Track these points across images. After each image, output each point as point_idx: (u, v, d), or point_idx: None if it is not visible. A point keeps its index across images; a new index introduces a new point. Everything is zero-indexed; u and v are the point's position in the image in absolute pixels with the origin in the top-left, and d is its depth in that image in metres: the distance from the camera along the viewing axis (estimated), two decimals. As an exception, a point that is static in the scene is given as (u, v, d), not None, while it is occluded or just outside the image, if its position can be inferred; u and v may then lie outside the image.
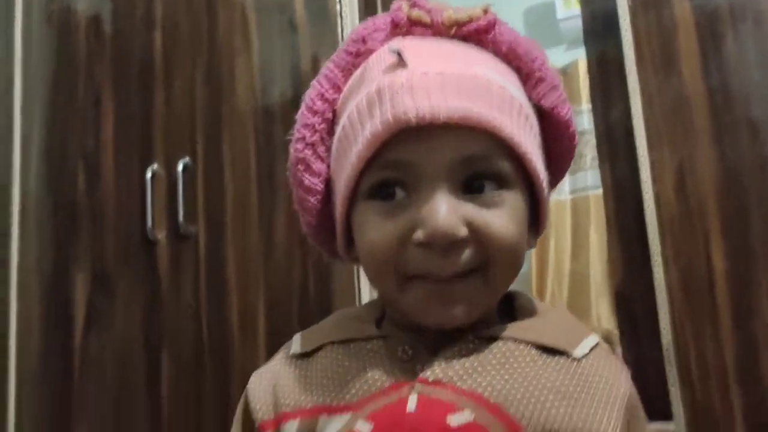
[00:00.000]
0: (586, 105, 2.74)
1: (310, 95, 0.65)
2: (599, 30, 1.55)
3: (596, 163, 2.28)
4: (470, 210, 0.56)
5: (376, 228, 0.57)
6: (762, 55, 1.34)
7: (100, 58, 1.71)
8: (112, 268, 1.63)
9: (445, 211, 0.54)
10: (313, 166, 0.63)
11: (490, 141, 0.56)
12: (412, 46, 0.60)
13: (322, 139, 0.63)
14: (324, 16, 1.56)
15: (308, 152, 0.63)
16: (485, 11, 0.62)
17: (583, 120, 2.68)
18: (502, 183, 0.57)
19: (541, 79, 0.62)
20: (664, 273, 1.30)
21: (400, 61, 0.58)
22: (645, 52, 1.41)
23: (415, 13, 0.62)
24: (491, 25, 0.62)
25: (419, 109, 0.54)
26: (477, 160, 0.56)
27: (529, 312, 0.64)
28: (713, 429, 1.22)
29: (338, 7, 1.55)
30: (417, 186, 0.56)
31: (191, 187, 1.57)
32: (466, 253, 0.56)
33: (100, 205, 1.66)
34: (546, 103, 0.62)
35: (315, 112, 0.64)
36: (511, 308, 0.66)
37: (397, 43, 0.60)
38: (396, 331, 0.62)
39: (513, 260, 0.58)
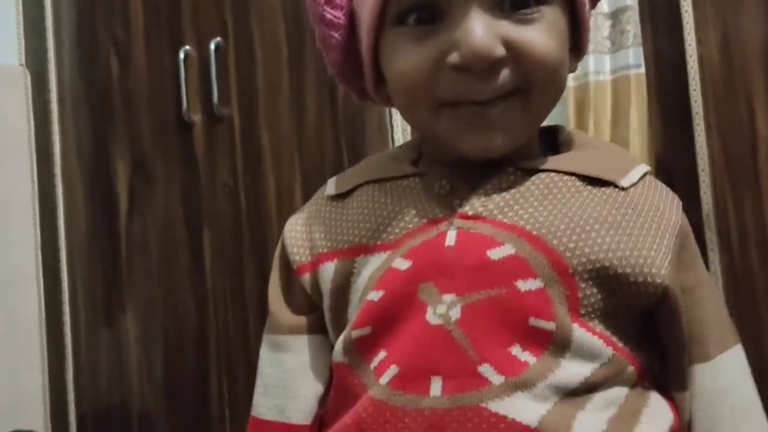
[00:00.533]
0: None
1: None
2: None
3: (638, 40, 2.20)
4: (507, 27, 0.53)
5: (407, 54, 0.54)
6: None
7: (126, -60, 1.68)
8: (150, 151, 1.65)
9: (481, 30, 0.51)
10: None
11: None
12: None
13: None
14: None
15: None
16: None
17: (626, -5, 2.57)
18: None
19: None
20: (706, 137, 1.27)
21: None
22: None
23: None
24: None
25: None
26: None
27: (575, 145, 0.61)
28: (752, 293, 1.22)
29: None
30: (449, 6, 0.53)
31: (224, 67, 1.56)
32: (504, 74, 0.53)
33: (134, 90, 1.66)
34: None
35: None
36: (555, 142, 0.63)
37: None
38: (433, 168, 0.60)
39: (555, 81, 0.55)
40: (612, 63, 2.85)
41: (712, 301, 0.60)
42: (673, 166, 1.32)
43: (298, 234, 0.64)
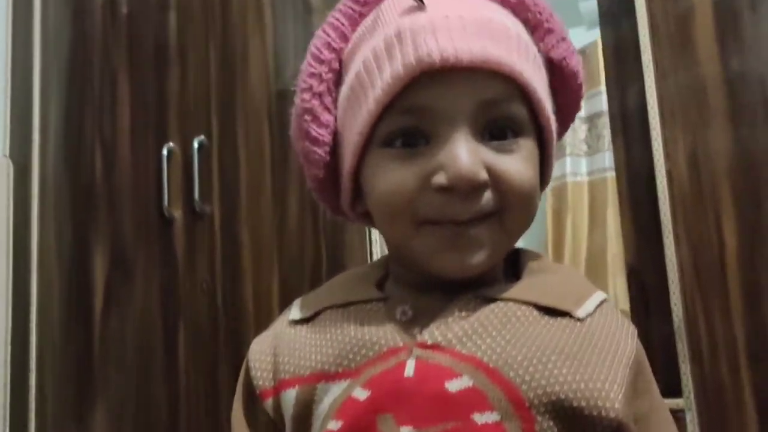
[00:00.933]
0: (604, 86, 2.72)
1: (315, 44, 0.63)
2: (615, 11, 1.54)
3: (614, 144, 2.27)
4: (488, 154, 0.56)
5: (393, 173, 0.56)
6: (779, 35, 1.32)
7: (116, 40, 1.73)
8: (130, 247, 1.65)
9: (467, 154, 0.54)
10: (321, 117, 0.62)
11: (508, 85, 0.56)
12: None
13: (329, 89, 0.62)
14: (337, -3, 1.56)
15: (315, 102, 0.62)
16: None
17: (602, 101, 2.66)
18: (518, 129, 0.57)
19: (549, 30, 0.61)
20: (676, 250, 1.30)
21: (419, 5, 0.57)
22: (660, 33, 1.40)
23: None
24: None
25: (443, 51, 0.54)
26: (496, 104, 0.56)
27: (535, 270, 0.63)
28: (723, 406, 1.22)
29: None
30: (437, 131, 0.56)
31: (206, 166, 1.59)
32: (485, 198, 0.56)
33: (118, 185, 1.68)
34: (555, 54, 0.61)
35: (322, 62, 0.62)
36: (518, 267, 0.64)
37: None
38: (398, 290, 0.62)
39: (529, 206, 0.58)
40: (588, 165, 2.93)
41: (665, 426, 0.61)
42: (644, 276, 1.35)
43: (262, 357, 0.64)
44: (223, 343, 1.54)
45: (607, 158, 2.75)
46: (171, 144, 1.62)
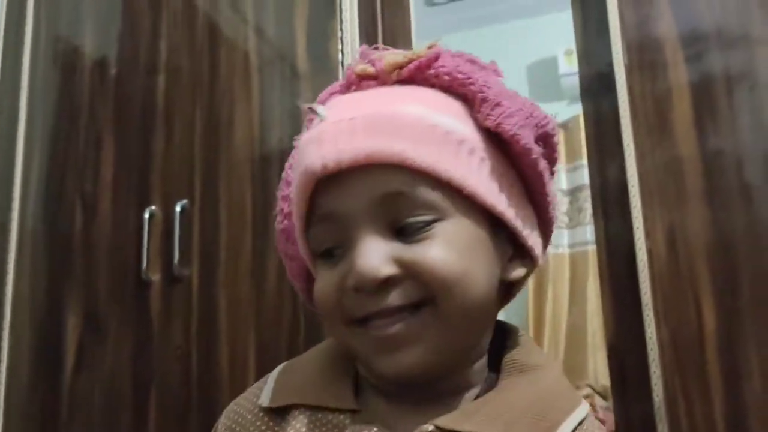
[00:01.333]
0: (586, 160, 2.76)
1: (285, 167, 0.66)
2: (596, 88, 1.57)
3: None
4: (400, 248, 0.55)
5: (321, 281, 0.59)
6: (755, 121, 1.35)
7: (103, 100, 1.74)
8: (104, 307, 1.63)
9: (368, 254, 0.55)
10: (292, 235, 0.64)
11: (407, 175, 0.55)
12: (343, 100, 0.60)
13: None
14: (326, 63, 1.59)
15: (287, 222, 0.65)
16: (430, 47, 0.60)
17: (583, 175, 2.70)
18: (433, 214, 0.56)
19: (483, 100, 0.58)
20: (656, 329, 1.30)
21: (316, 116, 0.59)
22: (640, 112, 1.43)
23: (360, 67, 0.61)
24: (432, 60, 0.60)
25: (324, 157, 0.55)
26: (400, 195, 0.55)
27: (516, 368, 0.60)
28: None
29: (340, 55, 1.58)
30: (347, 234, 0.56)
31: (188, 229, 1.58)
32: (401, 290, 0.55)
33: (96, 244, 1.67)
34: (491, 123, 0.58)
35: (288, 183, 0.65)
36: (502, 353, 0.62)
37: (334, 100, 0.61)
38: (371, 399, 0.61)
39: (462, 291, 0.55)
40: (570, 238, 2.95)
41: None
42: (625, 355, 1.34)
43: None
44: (196, 410, 1.51)
45: (588, 231, 2.77)
46: (153, 207, 1.61)
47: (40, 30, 1.83)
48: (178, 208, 1.58)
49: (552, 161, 0.64)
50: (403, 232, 0.56)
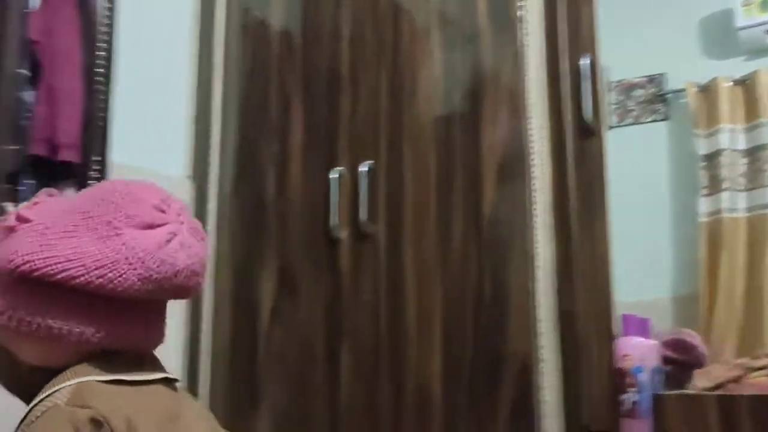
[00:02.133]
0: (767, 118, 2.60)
1: None
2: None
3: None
4: None
5: None
6: None
7: (291, 68, 1.83)
8: (297, 264, 1.73)
9: None
10: None
11: None
12: None
13: None
14: (505, 24, 1.59)
15: None
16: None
17: (763, 134, 2.55)
18: None
19: None
20: None
21: None
22: None
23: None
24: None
25: None
26: None
27: None
28: None
29: (519, 13, 1.58)
30: None
31: (373, 189, 1.64)
32: None
33: (288, 205, 1.77)
34: None
35: None
36: None
37: None
38: None
39: None
40: (748, 201, 2.79)
41: None
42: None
43: None
44: (386, 362, 1.57)
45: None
46: (340, 168, 1.69)
47: (231, 4, 1.95)
48: (364, 169, 1.64)
49: None
50: None
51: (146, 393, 0.81)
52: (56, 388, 0.76)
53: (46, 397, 0.76)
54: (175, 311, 1.80)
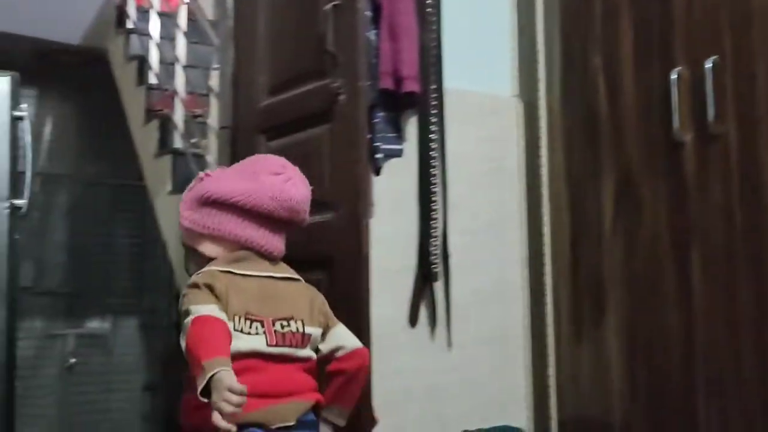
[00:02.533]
0: None
1: None
2: None
3: None
4: None
5: None
6: None
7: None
8: (637, 171, 1.70)
9: None
10: None
11: None
12: None
13: None
14: None
15: None
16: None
17: None
18: None
19: None
20: None
21: None
22: None
23: None
24: None
25: None
26: None
27: None
28: None
29: None
30: None
31: (719, 87, 1.54)
32: None
33: (622, 112, 1.74)
34: None
35: None
36: None
37: None
38: None
39: None
40: None
41: None
42: None
43: None
44: (742, 264, 1.50)
45: None
46: (679, 68, 1.61)
47: None
48: (708, 65, 1.55)
49: None
50: None
51: (247, 280, 1.30)
52: (202, 270, 1.30)
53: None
54: (516, 227, 1.90)
